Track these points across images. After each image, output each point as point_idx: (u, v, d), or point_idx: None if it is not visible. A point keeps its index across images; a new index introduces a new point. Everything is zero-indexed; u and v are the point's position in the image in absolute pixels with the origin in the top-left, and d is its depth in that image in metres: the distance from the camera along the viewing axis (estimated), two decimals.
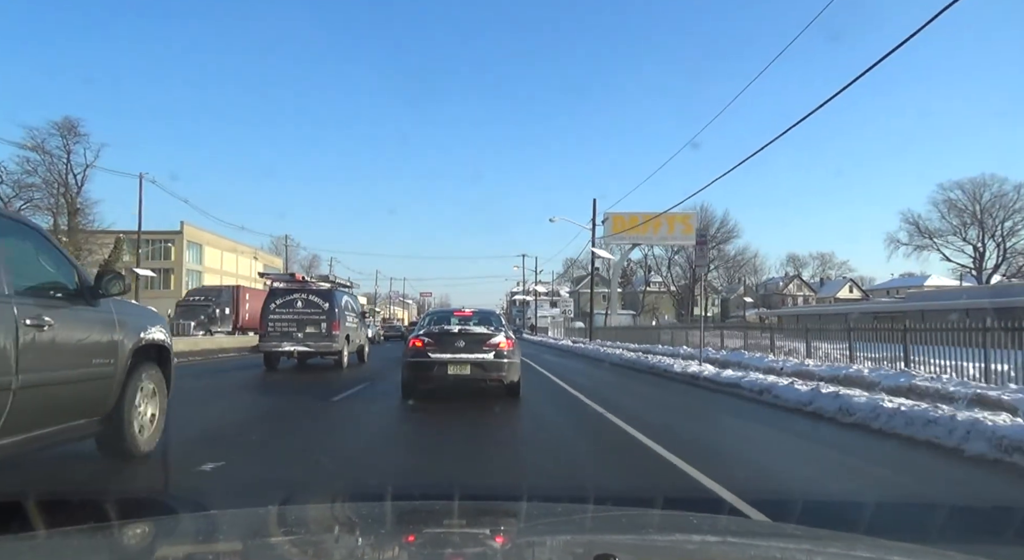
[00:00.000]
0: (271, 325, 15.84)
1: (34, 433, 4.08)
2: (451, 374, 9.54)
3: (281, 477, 5.15)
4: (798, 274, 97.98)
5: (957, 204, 67.59)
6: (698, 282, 37.57)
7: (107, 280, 4.83)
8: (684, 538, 1.87)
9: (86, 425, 4.71)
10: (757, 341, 19.85)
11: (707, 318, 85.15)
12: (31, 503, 2.51)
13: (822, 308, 65.56)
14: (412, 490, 4.54)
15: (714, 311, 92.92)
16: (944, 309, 32.78)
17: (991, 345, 10.35)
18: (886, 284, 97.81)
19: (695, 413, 10.71)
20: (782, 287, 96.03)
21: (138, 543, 1.77)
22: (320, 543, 1.78)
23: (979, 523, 4.15)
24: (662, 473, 5.57)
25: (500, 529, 1.92)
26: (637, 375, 17.71)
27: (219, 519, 2.10)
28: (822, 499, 4.82)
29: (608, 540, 1.80)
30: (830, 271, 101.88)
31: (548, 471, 5.71)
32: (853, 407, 8.41)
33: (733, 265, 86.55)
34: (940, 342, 11.72)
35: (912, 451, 6.76)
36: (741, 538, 1.96)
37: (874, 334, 14.47)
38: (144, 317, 5.55)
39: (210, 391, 11.66)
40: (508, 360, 9.72)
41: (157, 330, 5.56)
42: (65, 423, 4.43)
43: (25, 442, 4.02)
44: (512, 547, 1.75)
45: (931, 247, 72.36)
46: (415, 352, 9.67)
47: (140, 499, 4.31)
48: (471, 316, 10.92)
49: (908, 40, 9.25)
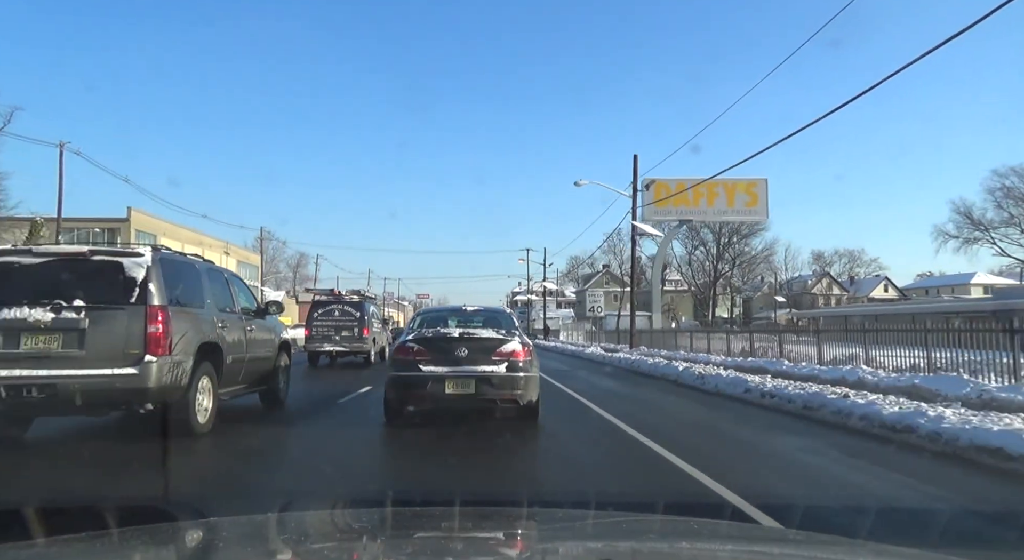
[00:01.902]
0: (314, 330, 19.47)
1: (251, 386, 8.65)
2: (449, 393, 7.61)
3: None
4: (827, 272, 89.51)
5: (1015, 192, 59.21)
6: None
7: (269, 304, 9.70)
8: (685, 544, 1.85)
9: (261, 383, 9.02)
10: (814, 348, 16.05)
11: (729, 320, 77.82)
12: (30, 511, 2.70)
13: (877, 307, 56.92)
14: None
15: (736, 312, 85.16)
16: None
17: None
18: (925, 283, 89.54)
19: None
20: (810, 286, 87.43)
21: (137, 551, 1.79)
22: (320, 551, 1.81)
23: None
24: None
25: (502, 534, 1.97)
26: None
27: (218, 526, 2.18)
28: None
29: (608, 546, 1.83)
30: (858, 269, 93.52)
31: None
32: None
33: (747, 263, 78.35)
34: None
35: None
36: (742, 544, 1.94)
37: (969, 337, 11.88)
38: (280, 325, 10.20)
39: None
40: (524, 374, 7.79)
41: (286, 332, 10.29)
42: (258, 383, 8.90)
43: (245, 389, 8.46)
44: (515, 552, 1.80)
45: (984, 240, 63.90)
46: (402, 364, 7.80)
47: (140, 506, 4.28)
48: (475, 315, 9.05)
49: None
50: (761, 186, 29.33)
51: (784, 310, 77.70)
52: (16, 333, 5.97)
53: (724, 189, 29.09)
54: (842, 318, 56.56)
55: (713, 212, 29.50)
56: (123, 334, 6.17)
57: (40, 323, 5.98)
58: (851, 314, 55.26)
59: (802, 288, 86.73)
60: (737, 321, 75.77)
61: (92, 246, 6.87)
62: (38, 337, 6.01)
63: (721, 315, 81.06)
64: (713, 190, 28.92)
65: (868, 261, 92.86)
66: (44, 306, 6.03)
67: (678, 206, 28.83)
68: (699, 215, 30.30)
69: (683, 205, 28.80)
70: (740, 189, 29.14)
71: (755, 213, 30.22)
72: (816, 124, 14.65)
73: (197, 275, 7.50)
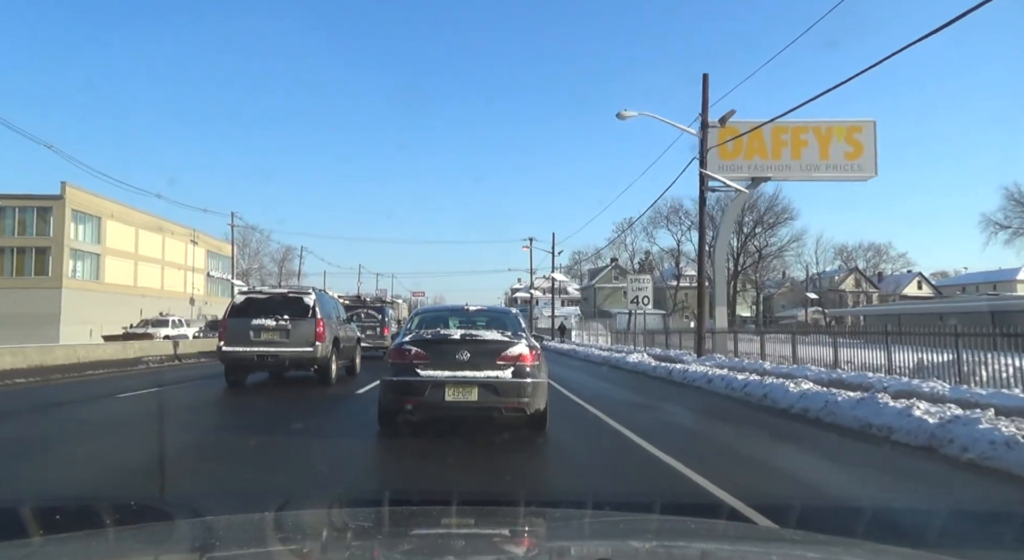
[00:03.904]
0: None
1: (346, 361, 14.76)
2: (450, 401, 6.99)
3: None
4: (856, 267, 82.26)
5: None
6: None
7: (351, 315, 18.07)
8: (683, 544, 1.82)
9: (350, 360, 15.06)
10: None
11: (755, 319, 70.50)
12: (27, 509, 2.76)
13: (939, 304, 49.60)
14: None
15: (755, 310, 78.12)
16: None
17: None
18: (962, 279, 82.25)
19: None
20: (838, 282, 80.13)
21: (134, 549, 1.76)
22: (317, 550, 1.77)
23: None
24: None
25: (502, 533, 1.95)
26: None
27: (215, 525, 2.14)
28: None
29: (605, 545, 1.79)
30: (884, 265, 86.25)
31: None
32: None
33: (771, 257, 71.21)
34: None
35: None
36: (739, 543, 1.90)
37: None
38: (355, 327, 16.80)
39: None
40: (532, 380, 7.14)
41: (358, 331, 16.94)
42: (349, 360, 14.98)
43: (344, 363, 14.64)
44: (514, 551, 1.77)
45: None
46: (398, 368, 7.22)
47: (137, 505, 4.39)
48: (478, 316, 8.56)
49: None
50: (868, 131, 21.20)
51: (811, 308, 70.45)
52: (259, 330, 12.58)
53: (815, 136, 21.37)
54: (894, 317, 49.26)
55: (800, 167, 21.52)
56: (305, 332, 12.62)
57: (270, 326, 12.62)
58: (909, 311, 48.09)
59: (828, 284, 79.46)
60: (759, 320, 68.91)
61: (288, 289, 14.06)
62: (270, 333, 12.62)
63: (741, 314, 74.24)
64: (799, 137, 21.30)
65: (895, 256, 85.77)
66: (271, 317, 12.70)
67: (751, 160, 21.24)
68: (781, 171, 22.17)
69: (758, 157, 21.25)
70: (838, 135, 21.12)
71: (859, 168, 21.77)
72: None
73: (329, 301, 14.72)
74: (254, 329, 12.38)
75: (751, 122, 20.32)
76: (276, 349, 12.39)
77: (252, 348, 12.35)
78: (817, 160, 21.56)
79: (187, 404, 10.69)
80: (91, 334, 41.18)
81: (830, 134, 21.42)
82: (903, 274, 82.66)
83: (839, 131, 21.43)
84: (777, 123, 20.83)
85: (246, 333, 12.35)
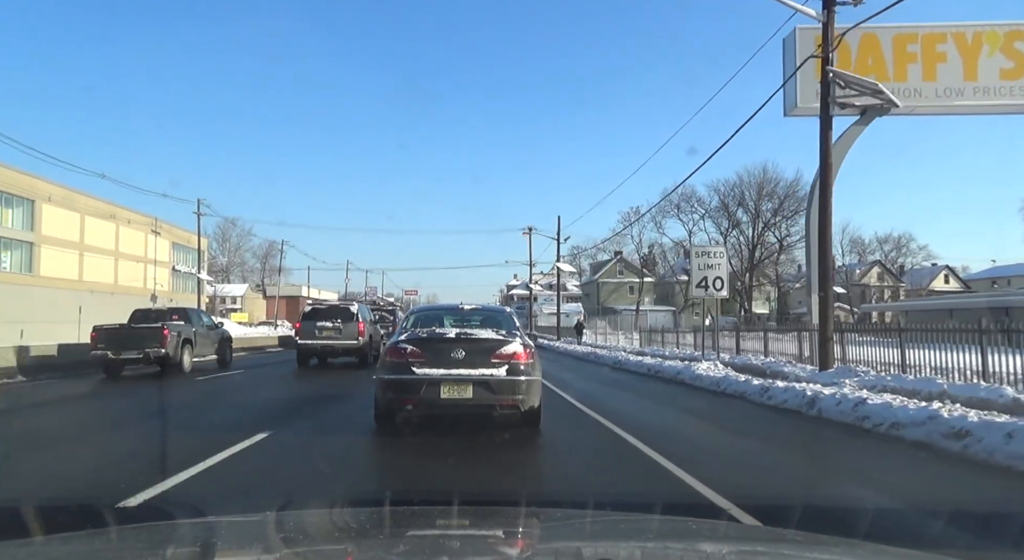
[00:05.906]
0: None
1: (375, 350, 18.70)
2: (445, 398, 7.16)
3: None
4: (879, 261, 76.73)
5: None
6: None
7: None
8: (683, 544, 1.81)
9: (377, 352, 16.80)
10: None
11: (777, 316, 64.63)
12: (29, 509, 2.78)
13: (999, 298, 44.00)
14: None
15: (771, 306, 72.42)
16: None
17: None
18: (992, 272, 76.57)
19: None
20: (860, 275, 74.51)
21: (135, 550, 1.75)
22: (319, 551, 1.77)
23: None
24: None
25: (503, 534, 1.95)
26: None
27: (216, 526, 2.15)
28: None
29: (607, 546, 1.78)
30: (904, 258, 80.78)
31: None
32: None
33: (782, 249, 65.62)
34: None
35: None
36: (740, 544, 1.91)
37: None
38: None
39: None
40: (526, 378, 7.39)
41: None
42: (376, 350, 18.00)
43: (375, 353, 17.92)
44: (514, 551, 1.77)
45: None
46: (394, 366, 7.41)
47: (137, 505, 4.44)
48: (473, 315, 8.88)
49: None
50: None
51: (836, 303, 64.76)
52: (320, 329, 18.40)
53: (957, 46, 14.86)
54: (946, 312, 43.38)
55: (935, 92, 15.06)
56: (351, 330, 18.45)
57: (329, 326, 18.49)
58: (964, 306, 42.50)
59: (848, 279, 73.78)
60: (771, 316, 63.29)
61: (339, 302, 26.06)
62: (328, 330, 18.39)
63: (756, 311, 68.61)
64: (934, 49, 14.95)
65: (916, 249, 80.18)
66: (328, 320, 18.63)
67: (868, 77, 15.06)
68: (907, 97, 15.67)
69: (874, 78, 15.00)
70: (991, 45, 14.58)
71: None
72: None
73: (364, 309, 20.61)
74: (318, 328, 18.41)
75: (868, 28, 14.20)
76: (332, 342, 18.37)
77: (317, 341, 18.40)
78: (960, 82, 15.19)
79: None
80: (22, 335, 34.85)
81: (979, 43, 15.12)
82: (929, 267, 77.18)
83: (992, 38, 15.07)
84: (901, 28, 14.71)
85: (313, 330, 18.44)
